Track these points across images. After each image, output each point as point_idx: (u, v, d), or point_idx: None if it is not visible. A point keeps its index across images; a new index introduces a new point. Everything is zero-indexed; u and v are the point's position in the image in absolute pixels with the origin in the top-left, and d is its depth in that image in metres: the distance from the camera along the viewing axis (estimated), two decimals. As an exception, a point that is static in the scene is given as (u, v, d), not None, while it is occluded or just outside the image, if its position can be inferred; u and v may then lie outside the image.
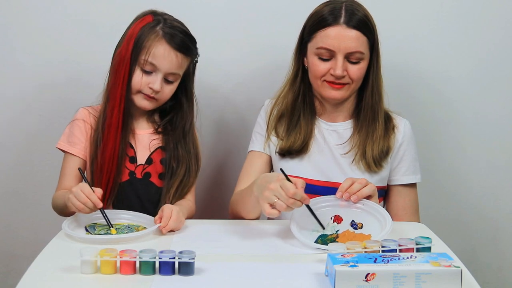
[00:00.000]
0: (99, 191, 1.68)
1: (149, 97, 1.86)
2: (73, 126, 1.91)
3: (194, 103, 1.96)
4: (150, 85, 1.83)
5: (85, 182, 1.73)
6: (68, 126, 1.93)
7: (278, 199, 1.57)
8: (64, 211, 1.79)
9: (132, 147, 1.90)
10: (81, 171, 1.79)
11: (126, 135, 1.88)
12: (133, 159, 1.90)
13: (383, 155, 1.88)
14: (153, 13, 1.87)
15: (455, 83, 2.27)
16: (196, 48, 1.90)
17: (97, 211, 1.68)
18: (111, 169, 1.85)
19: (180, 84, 1.91)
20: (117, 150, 1.85)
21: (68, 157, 1.90)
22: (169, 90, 1.87)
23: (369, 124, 1.88)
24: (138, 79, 1.84)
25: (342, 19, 1.79)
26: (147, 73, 1.84)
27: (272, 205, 1.58)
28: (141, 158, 1.91)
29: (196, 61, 1.93)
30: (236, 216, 1.85)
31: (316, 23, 1.83)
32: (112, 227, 1.69)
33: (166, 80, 1.86)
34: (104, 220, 1.70)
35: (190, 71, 1.92)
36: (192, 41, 1.88)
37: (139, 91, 1.85)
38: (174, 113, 1.94)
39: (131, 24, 1.87)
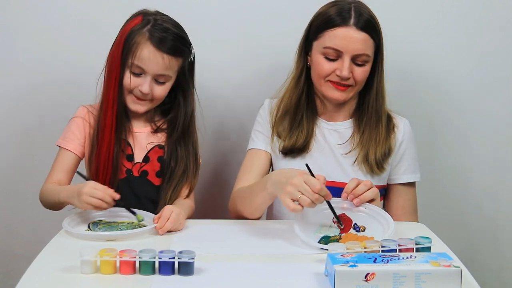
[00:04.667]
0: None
1: (140, 100, 1.85)
2: (71, 123, 1.92)
3: (196, 102, 1.94)
4: (139, 87, 1.82)
5: (88, 180, 1.73)
6: (67, 124, 1.93)
7: (302, 194, 1.55)
8: (55, 206, 1.81)
9: (130, 145, 1.90)
10: (80, 173, 1.79)
11: (121, 136, 1.87)
12: (131, 157, 1.90)
13: (385, 158, 1.88)
14: (144, 14, 1.84)
15: (455, 83, 2.27)
16: (188, 47, 1.87)
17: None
18: (107, 171, 1.85)
19: (177, 83, 1.89)
20: (112, 152, 1.85)
21: (62, 151, 1.90)
22: (161, 91, 1.85)
23: (372, 127, 1.88)
24: (128, 81, 1.82)
25: (352, 21, 1.79)
26: (136, 75, 1.82)
27: (295, 200, 1.57)
28: (138, 156, 1.90)
29: (191, 60, 1.90)
30: (238, 213, 1.84)
31: (324, 22, 1.82)
32: (136, 214, 1.73)
33: (157, 81, 1.84)
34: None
35: (185, 69, 1.89)
36: (182, 41, 1.84)
37: (131, 92, 1.84)
38: (173, 113, 1.93)
39: (124, 25, 1.85)
